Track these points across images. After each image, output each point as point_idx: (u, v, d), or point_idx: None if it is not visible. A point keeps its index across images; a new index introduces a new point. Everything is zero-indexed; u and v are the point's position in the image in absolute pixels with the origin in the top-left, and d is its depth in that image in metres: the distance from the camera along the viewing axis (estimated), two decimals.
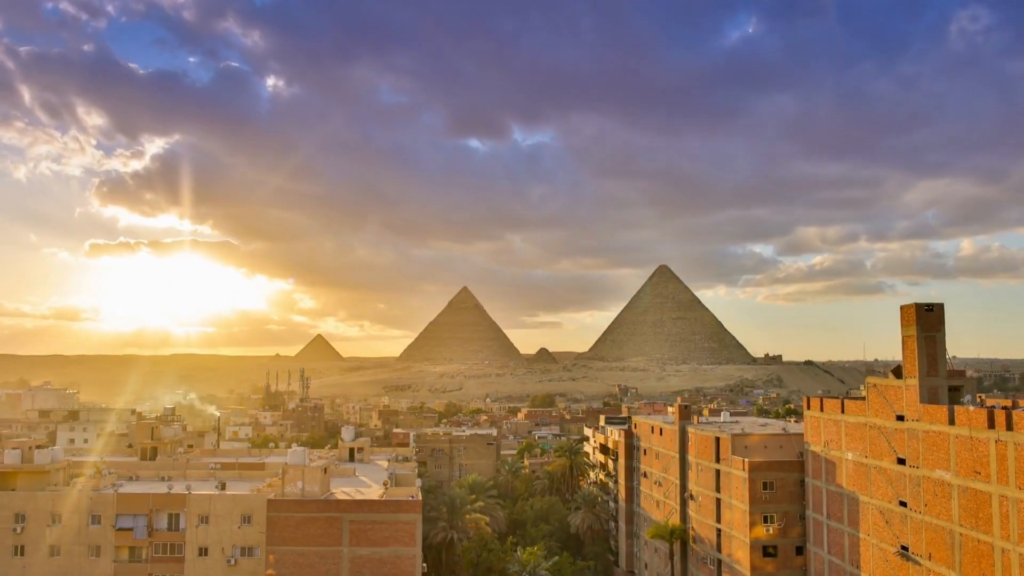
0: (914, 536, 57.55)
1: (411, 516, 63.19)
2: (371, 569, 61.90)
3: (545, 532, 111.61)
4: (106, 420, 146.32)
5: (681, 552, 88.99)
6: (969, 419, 51.64)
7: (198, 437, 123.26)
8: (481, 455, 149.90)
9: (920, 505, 56.65)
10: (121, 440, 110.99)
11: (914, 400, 57.27)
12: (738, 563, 76.39)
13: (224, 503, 64.40)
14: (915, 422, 57.19)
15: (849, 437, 66.45)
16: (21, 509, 64.30)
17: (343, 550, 62.14)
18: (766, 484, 74.48)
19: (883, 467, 61.28)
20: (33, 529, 64.02)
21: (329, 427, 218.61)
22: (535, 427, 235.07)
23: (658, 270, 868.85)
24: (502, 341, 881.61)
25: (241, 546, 63.72)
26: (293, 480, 64.42)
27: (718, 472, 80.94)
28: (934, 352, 57.26)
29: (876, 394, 62.36)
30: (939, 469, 54.54)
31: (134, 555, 64.19)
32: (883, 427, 61.31)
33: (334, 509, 63.19)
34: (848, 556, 66.51)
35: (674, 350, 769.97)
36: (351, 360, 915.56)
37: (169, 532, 64.19)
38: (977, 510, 50.79)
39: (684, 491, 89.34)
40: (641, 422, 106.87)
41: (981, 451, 50.31)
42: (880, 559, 61.80)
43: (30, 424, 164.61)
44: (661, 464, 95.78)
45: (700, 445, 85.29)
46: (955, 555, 52.97)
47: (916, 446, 57.11)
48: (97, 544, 64.05)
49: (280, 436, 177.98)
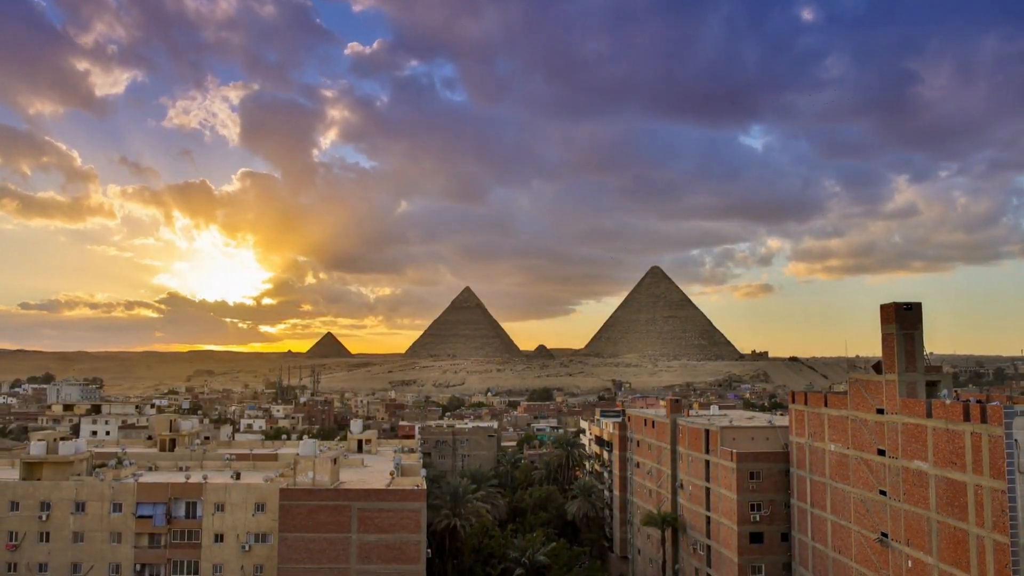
0: (893, 523, 57.53)
1: (416, 504, 63.21)
2: (378, 554, 61.92)
3: (543, 520, 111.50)
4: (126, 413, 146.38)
5: (672, 539, 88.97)
6: (946, 412, 51.64)
7: (215, 429, 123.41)
8: (482, 447, 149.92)
9: (899, 494, 56.62)
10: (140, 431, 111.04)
11: (893, 394, 57.27)
12: (727, 549, 76.34)
13: (239, 492, 64.48)
14: (895, 415, 57.17)
15: (832, 429, 66.43)
16: (46, 498, 64.39)
17: (351, 536, 62.16)
18: (753, 474, 74.47)
19: (864, 458, 61.26)
20: (58, 517, 64.11)
21: (338, 420, 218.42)
22: (534, 420, 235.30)
23: (651, 271, 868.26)
24: (503, 338, 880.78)
25: (255, 533, 63.85)
26: (304, 470, 64.45)
27: (708, 463, 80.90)
28: (912, 349, 57.30)
29: (857, 389, 62.34)
30: (917, 460, 54.53)
31: (153, 541, 64.26)
32: (864, 420, 61.29)
33: (343, 498, 63.19)
34: (831, 542, 66.50)
35: (666, 347, 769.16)
36: (359, 356, 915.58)
37: (186, 519, 64.26)
38: (953, 499, 50.78)
39: (675, 481, 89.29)
40: (635, 415, 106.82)
41: (957, 443, 50.31)
42: (861, 545, 61.78)
43: (55, 417, 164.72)
44: (654, 455, 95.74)
45: (691, 437, 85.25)
46: (932, 541, 52.96)
47: (895, 438, 57.10)
48: (118, 531, 64.14)
49: (292, 428, 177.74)
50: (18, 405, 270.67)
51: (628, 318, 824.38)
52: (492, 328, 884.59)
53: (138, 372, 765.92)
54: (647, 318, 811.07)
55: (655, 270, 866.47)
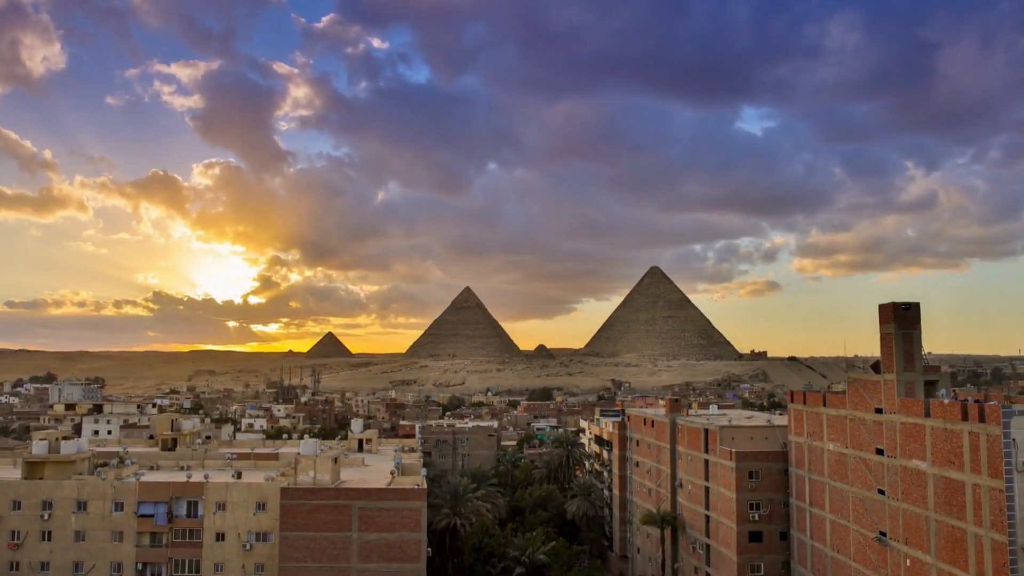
0: (892, 522, 57.54)
1: (416, 503, 63.19)
2: (378, 553, 61.90)
3: (543, 519, 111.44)
4: (128, 413, 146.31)
5: (672, 537, 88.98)
6: (944, 412, 51.64)
7: (216, 429, 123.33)
8: (483, 446, 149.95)
9: (898, 493, 56.63)
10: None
11: (892, 394, 57.28)
12: (726, 548, 76.34)
13: (240, 491, 64.48)
14: (893, 415, 57.17)
15: (831, 429, 66.44)
16: (48, 497, 64.38)
17: (352, 535, 62.14)
18: (752, 473, 74.47)
19: (863, 457, 61.26)
20: (60, 516, 64.09)
21: (339, 419, 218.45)
22: (534, 419, 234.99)
23: (650, 271, 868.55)
24: (503, 338, 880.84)
25: (256, 532, 63.86)
26: (305, 469, 64.43)
27: (707, 462, 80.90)
28: (911, 348, 57.32)
29: (856, 388, 62.34)
30: (915, 459, 54.53)
31: (155, 540, 64.25)
32: (863, 419, 61.29)
33: (344, 497, 63.17)
34: (829, 541, 66.51)
35: (665, 347, 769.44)
36: (360, 356, 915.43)
37: (188, 518, 64.25)
38: (951, 498, 50.79)
39: (675, 480, 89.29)
40: (634, 415, 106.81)
41: (955, 442, 50.31)
42: (860, 544, 61.78)
43: (57, 416, 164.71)
44: (653, 454, 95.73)
45: (690, 436, 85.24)
46: (930, 540, 52.96)
47: (894, 437, 57.10)
48: (120, 530, 64.12)
49: (293, 428, 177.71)
50: (20, 404, 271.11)
51: (627, 318, 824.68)
52: (492, 328, 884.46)
53: (139, 372, 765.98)
54: (646, 318, 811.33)
55: (654, 270, 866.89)
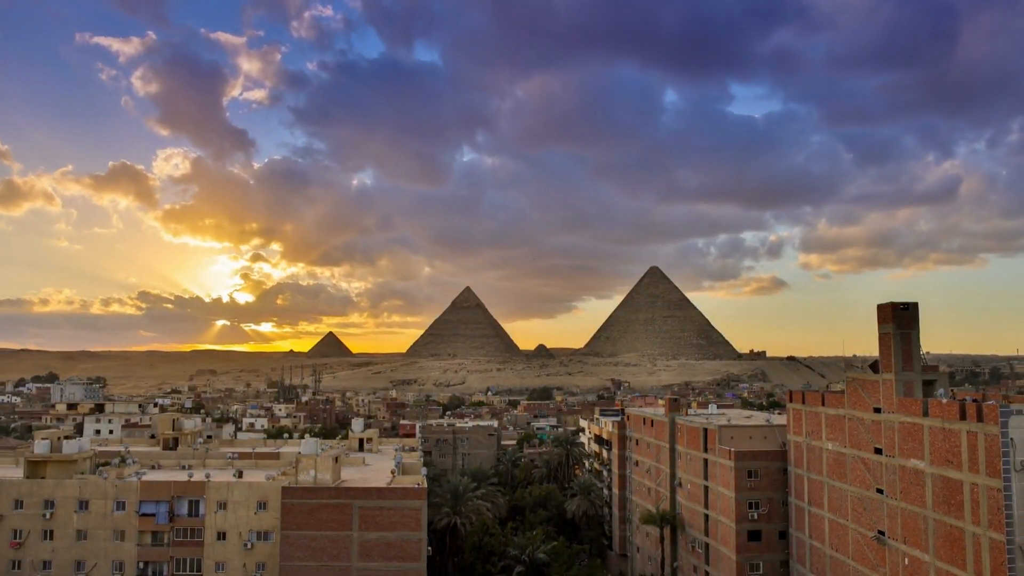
0: (890, 521, 57.57)
1: (417, 502, 63.24)
2: (379, 552, 61.95)
3: (543, 518, 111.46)
4: (129, 412, 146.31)
5: (671, 536, 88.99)
6: (942, 411, 51.67)
7: (217, 428, 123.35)
8: (483, 445, 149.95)
9: (896, 492, 56.66)
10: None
11: (890, 393, 57.30)
12: (725, 547, 76.36)
13: (241, 490, 64.47)
14: (891, 414, 57.20)
15: (829, 428, 66.46)
16: (51, 496, 64.37)
17: (353, 534, 62.19)
18: (751, 472, 74.49)
19: (861, 456, 61.28)
20: (62, 515, 64.08)
21: (340, 419, 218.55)
22: (534, 419, 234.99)
23: (650, 271, 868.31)
24: (503, 338, 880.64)
25: (257, 531, 63.81)
26: (306, 469, 64.44)
27: (706, 461, 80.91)
28: (909, 348, 57.34)
29: (855, 388, 62.37)
30: (914, 458, 54.56)
31: (156, 539, 64.22)
32: (861, 419, 61.32)
33: (345, 496, 63.22)
34: (828, 540, 66.53)
35: (664, 346, 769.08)
36: (360, 356, 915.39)
37: (189, 517, 64.22)
38: (950, 497, 50.82)
39: (674, 479, 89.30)
40: (633, 414, 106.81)
41: (953, 441, 50.35)
42: (858, 543, 61.81)
43: (59, 416, 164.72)
44: (652, 454, 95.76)
45: (689, 436, 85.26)
46: (929, 539, 52.99)
47: (892, 437, 57.13)
48: (121, 529, 64.09)
49: (294, 427, 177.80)
50: (22, 404, 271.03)
51: (627, 318, 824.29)
52: (492, 328, 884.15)
53: (141, 372, 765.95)
54: (646, 318, 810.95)
55: (654, 270, 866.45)
